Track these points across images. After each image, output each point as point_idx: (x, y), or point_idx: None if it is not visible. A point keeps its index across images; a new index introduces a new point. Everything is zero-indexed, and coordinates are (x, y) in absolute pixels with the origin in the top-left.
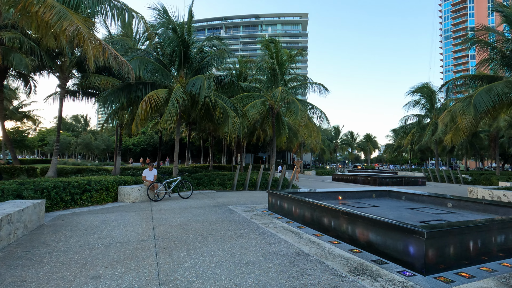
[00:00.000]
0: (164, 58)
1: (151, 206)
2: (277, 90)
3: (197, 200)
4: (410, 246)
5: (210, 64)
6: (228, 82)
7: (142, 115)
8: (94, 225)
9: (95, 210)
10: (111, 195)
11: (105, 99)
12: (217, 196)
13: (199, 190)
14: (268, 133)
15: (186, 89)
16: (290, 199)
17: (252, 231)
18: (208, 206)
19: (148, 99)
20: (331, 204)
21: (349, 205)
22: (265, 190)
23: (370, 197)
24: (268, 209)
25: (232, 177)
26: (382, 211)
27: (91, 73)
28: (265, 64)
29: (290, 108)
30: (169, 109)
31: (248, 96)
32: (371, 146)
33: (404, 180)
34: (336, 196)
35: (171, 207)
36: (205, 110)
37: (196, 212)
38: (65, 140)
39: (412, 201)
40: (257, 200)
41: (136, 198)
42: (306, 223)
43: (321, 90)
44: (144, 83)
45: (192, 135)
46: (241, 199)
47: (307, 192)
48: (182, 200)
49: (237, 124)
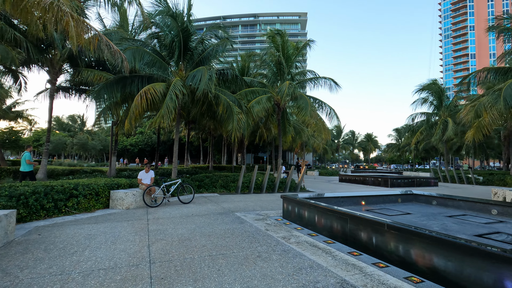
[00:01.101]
0: (162, 50)
1: (147, 213)
2: (284, 85)
3: (199, 205)
4: (507, 281)
5: (212, 55)
6: (231, 76)
7: (137, 111)
8: (76, 241)
9: (82, 219)
10: (102, 200)
11: (97, 93)
12: (221, 200)
13: (200, 193)
14: (273, 131)
15: (185, 83)
16: (312, 207)
17: (271, 248)
18: (213, 214)
19: (144, 93)
20: (376, 217)
21: (376, 212)
22: (271, 192)
23: (395, 202)
24: (283, 217)
25: (235, 179)
26: (418, 220)
27: (84, 68)
28: (270, 58)
29: (298, 104)
30: (167, 104)
31: (252, 91)
32: (372, 145)
33: (416, 181)
34: (359, 201)
35: (171, 215)
36: (207, 106)
37: (200, 222)
38: (61, 140)
39: (445, 206)
40: (267, 205)
41: (131, 204)
42: (335, 237)
43: (331, 86)
44: (140, 76)
45: (191, 135)
46: (249, 204)
47: (327, 197)
48: (182, 205)
49: (242, 121)
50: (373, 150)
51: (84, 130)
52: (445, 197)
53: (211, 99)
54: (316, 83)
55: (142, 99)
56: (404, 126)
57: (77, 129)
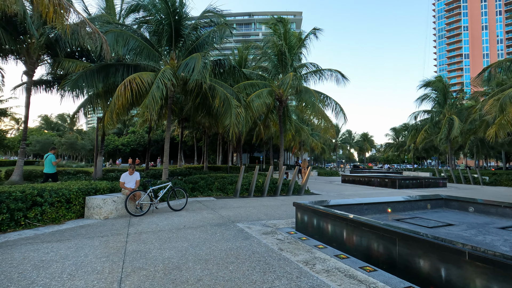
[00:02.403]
0: (152, 37)
1: (129, 225)
2: (288, 76)
3: (193, 213)
4: None
5: (209, 43)
6: (229, 67)
7: (120, 102)
8: (19, 273)
9: (43, 235)
10: (75, 209)
11: (74, 83)
12: (218, 206)
13: (194, 197)
14: (272, 129)
15: (177, 73)
16: (339, 220)
17: (294, 283)
18: (210, 225)
19: (128, 82)
20: (450, 243)
21: (408, 222)
22: (273, 196)
23: (424, 208)
24: (297, 230)
25: (233, 181)
26: (469, 234)
27: (64, 58)
28: (271, 48)
29: (304, 99)
30: (153, 93)
31: (252, 84)
32: (368, 145)
33: (424, 182)
34: (384, 208)
35: (158, 227)
36: (201, 98)
37: (193, 238)
38: (49, 140)
39: (485, 213)
40: (273, 212)
41: (110, 212)
42: (375, 261)
43: (338, 79)
44: (125, 65)
45: (185, 134)
46: (251, 211)
47: (347, 204)
48: (173, 213)
49: (241, 116)
50: (369, 150)
51: (74, 129)
52: (484, 202)
53: (205, 90)
54: (321, 76)
55: (126, 89)
56: (403, 125)
57: (66, 129)
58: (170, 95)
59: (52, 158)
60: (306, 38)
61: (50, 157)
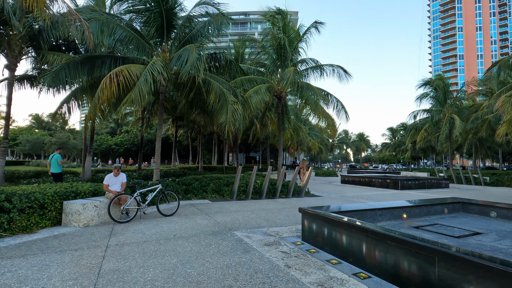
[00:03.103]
0: (142, 28)
1: (111, 234)
2: (288, 71)
3: (185, 219)
4: None
5: (203, 35)
6: (225, 61)
7: (104, 96)
8: None
9: (7, 248)
10: (50, 215)
11: (55, 76)
12: (213, 210)
13: (188, 199)
14: (269, 128)
15: (170, 67)
16: (358, 231)
17: None
18: (204, 233)
19: (114, 75)
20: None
21: (428, 230)
22: (272, 198)
23: (441, 213)
24: (303, 240)
25: (229, 182)
26: (501, 245)
27: (48, 51)
28: (270, 41)
29: (306, 96)
30: (139, 86)
31: (249, 80)
32: (364, 145)
33: (427, 183)
34: (399, 213)
35: (143, 237)
36: (195, 93)
37: (184, 251)
38: (39, 139)
39: (509, 219)
40: (274, 217)
41: (91, 219)
42: (407, 284)
43: (340, 75)
44: (113, 57)
45: (180, 133)
46: (250, 216)
47: (360, 210)
48: (163, 219)
49: (238, 113)
50: (365, 150)
51: (66, 128)
52: (507, 207)
53: (199, 85)
54: (322, 72)
55: (112, 82)
56: (400, 125)
57: (58, 128)
58: (162, 91)
59: (58, 158)
60: (307, 32)
61: (56, 157)
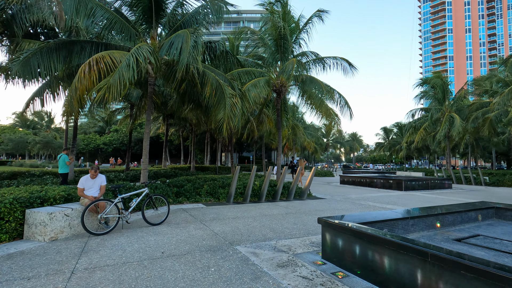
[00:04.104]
0: (128, 12)
1: (81, 252)
2: (290, 62)
3: (176, 228)
4: None
5: (199, 21)
6: (220, 52)
7: (83, 86)
8: None
9: None
10: (8, 227)
11: (25, 63)
12: (209, 216)
13: (179, 203)
14: (267, 126)
15: (160, 55)
16: (416, 254)
17: None
18: (200, 250)
19: (94, 61)
20: None
21: (474, 244)
22: (272, 201)
23: (475, 220)
24: (324, 258)
25: (225, 183)
26: None
27: (23, 39)
28: (269, 31)
29: (306, 90)
30: (120, 72)
31: (247, 72)
32: (357, 145)
33: (430, 183)
34: (432, 222)
35: (123, 257)
36: (188, 86)
37: (175, 278)
38: (22, 138)
39: None
40: (279, 225)
41: (61, 231)
42: None
43: (345, 68)
44: (94, 43)
45: (171, 132)
46: (252, 223)
47: (390, 219)
48: (149, 230)
49: (237, 107)
50: (358, 150)
51: (52, 127)
52: None
53: (193, 76)
54: (325, 65)
55: (92, 70)
56: (395, 124)
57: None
58: (151, 82)
59: (66, 158)
60: (308, 22)
61: (63, 157)
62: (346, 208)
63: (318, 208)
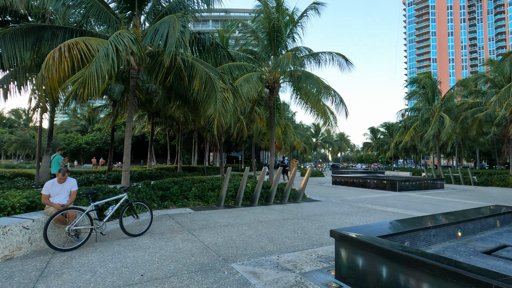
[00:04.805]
0: None
1: (39, 277)
2: (286, 56)
3: (161, 241)
4: None
5: (186, 7)
6: (210, 44)
7: (53, 76)
8: None
9: None
10: None
11: None
12: (198, 224)
13: (165, 208)
14: (258, 124)
15: (143, 44)
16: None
17: None
18: (189, 270)
19: (66, 48)
20: None
21: (505, 258)
22: (266, 204)
23: (494, 226)
24: (339, 278)
25: (214, 185)
26: None
27: None
28: (261, 24)
29: (302, 87)
30: (97, 62)
31: (239, 66)
32: (345, 144)
33: (423, 184)
34: (453, 230)
35: (90, 285)
36: (174, 78)
37: None
38: None
39: None
40: (278, 234)
41: (18, 247)
42: None
43: (341, 64)
44: (68, 29)
45: (157, 131)
46: (247, 232)
47: (412, 230)
48: (128, 243)
49: (229, 102)
50: (345, 149)
51: (30, 125)
52: None
53: (180, 67)
54: (320, 61)
55: (63, 57)
56: (383, 124)
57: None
58: (133, 75)
59: (60, 159)
60: (303, 15)
61: (57, 158)
62: (345, 212)
63: (316, 212)
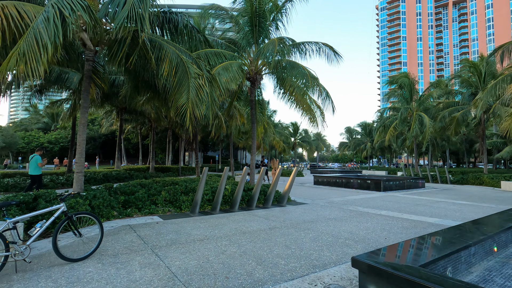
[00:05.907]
0: None
1: None
2: (271, 42)
3: (111, 267)
4: None
5: None
6: (184, 26)
7: None
8: None
9: None
10: None
11: None
12: (165, 238)
13: (127, 217)
14: (238, 120)
15: (99, 16)
16: None
17: None
18: None
19: None
20: None
21: None
22: (248, 209)
23: None
24: None
25: (189, 188)
26: None
27: None
28: (242, 7)
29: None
30: (36, 30)
31: (217, 53)
32: (321, 144)
33: (406, 183)
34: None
35: None
36: (138, 61)
37: None
38: None
39: None
40: (268, 251)
41: None
42: None
43: (329, 56)
44: None
45: (127, 128)
46: (228, 249)
47: (453, 252)
48: (62, 274)
49: (204, 90)
50: (322, 149)
51: None
52: None
53: (146, 47)
54: (306, 51)
55: None
56: (360, 124)
57: None
58: (89, 57)
59: (38, 159)
60: (287, 2)
61: (36, 158)
62: (338, 217)
63: (306, 219)
